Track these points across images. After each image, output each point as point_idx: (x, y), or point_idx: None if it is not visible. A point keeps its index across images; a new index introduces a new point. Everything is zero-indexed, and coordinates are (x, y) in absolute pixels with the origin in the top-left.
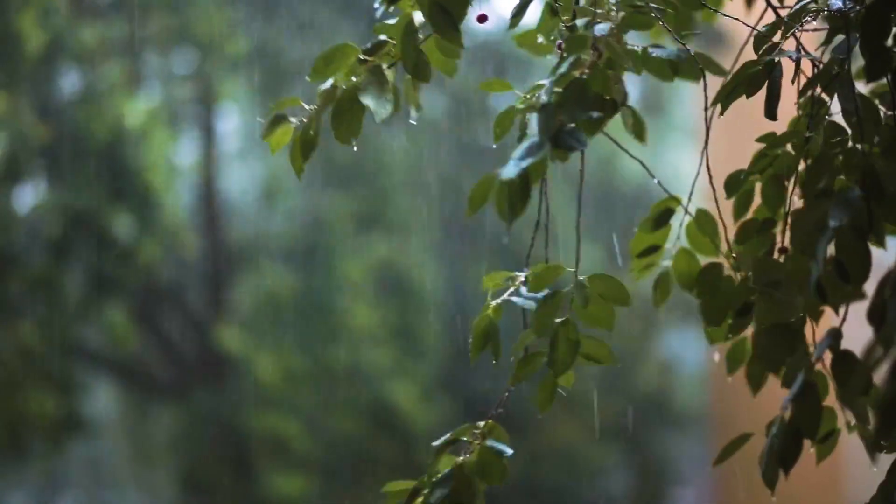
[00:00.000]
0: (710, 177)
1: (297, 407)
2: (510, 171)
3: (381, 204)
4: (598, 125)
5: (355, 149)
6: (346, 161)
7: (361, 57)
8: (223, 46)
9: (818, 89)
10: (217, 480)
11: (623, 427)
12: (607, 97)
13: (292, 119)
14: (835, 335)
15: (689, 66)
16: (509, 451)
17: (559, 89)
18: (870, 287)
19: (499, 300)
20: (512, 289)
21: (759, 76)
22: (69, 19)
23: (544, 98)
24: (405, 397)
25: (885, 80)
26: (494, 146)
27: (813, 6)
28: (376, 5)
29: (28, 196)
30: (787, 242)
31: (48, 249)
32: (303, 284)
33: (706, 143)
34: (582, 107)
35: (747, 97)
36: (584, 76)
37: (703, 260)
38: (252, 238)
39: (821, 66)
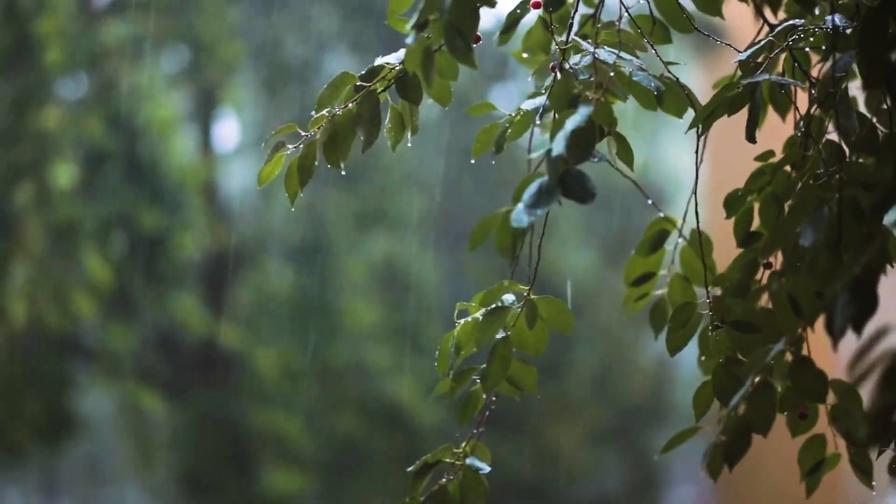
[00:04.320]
0: (696, 194)
1: (298, 404)
2: (522, 218)
3: (381, 202)
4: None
5: (343, 173)
6: (346, 160)
7: (358, 84)
8: (224, 46)
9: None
10: (218, 478)
11: (621, 427)
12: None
13: (288, 146)
14: (795, 341)
15: (671, 99)
16: (486, 469)
17: (567, 129)
18: None
19: (465, 319)
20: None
21: (740, 98)
22: (81, 21)
23: (558, 147)
24: (405, 395)
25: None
26: (472, 161)
27: (804, 25)
28: (408, 33)
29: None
30: (773, 257)
31: (75, 243)
32: (303, 282)
33: (697, 170)
34: (589, 152)
35: (728, 116)
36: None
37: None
38: (253, 236)
39: (817, 85)
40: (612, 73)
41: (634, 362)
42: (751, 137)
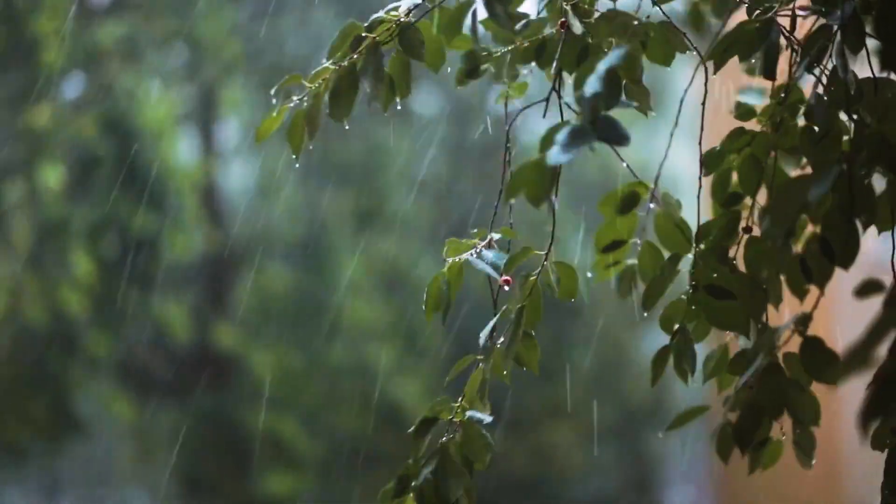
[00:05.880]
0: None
1: (297, 405)
2: (560, 157)
3: (380, 201)
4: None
5: (347, 127)
6: (345, 158)
7: (363, 34)
8: (223, 46)
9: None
10: (217, 479)
11: (621, 427)
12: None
13: (294, 98)
14: (803, 320)
15: (658, 44)
16: (488, 418)
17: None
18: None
19: (457, 259)
20: (475, 252)
21: (755, 36)
22: (79, 21)
23: (592, 87)
24: (406, 394)
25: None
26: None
27: None
28: None
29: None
30: (752, 222)
31: (70, 246)
32: (302, 282)
33: (674, 126)
34: (619, 95)
35: (741, 60)
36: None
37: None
38: (251, 236)
39: (809, 42)
40: (635, 22)
41: (634, 362)
42: (770, 74)
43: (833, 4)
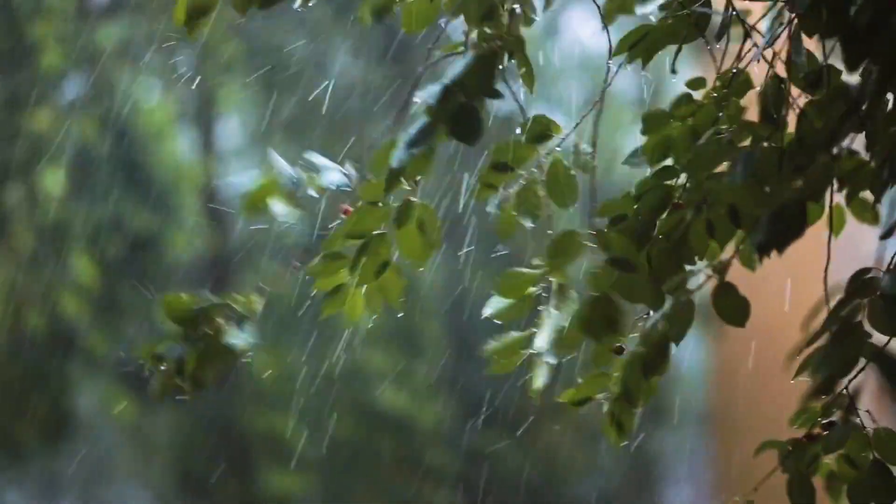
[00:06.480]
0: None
1: (297, 406)
2: (401, 157)
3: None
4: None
5: (243, 19)
6: (345, 157)
7: None
8: (223, 46)
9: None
10: (216, 480)
11: None
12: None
13: None
14: (720, 268)
15: None
16: (240, 343)
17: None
18: None
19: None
20: None
21: (676, 26)
22: (78, 22)
23: (448, 80)
24: (405, 396)
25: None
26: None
27: None
28: None
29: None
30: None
31: (68, 247)
32: (301, 283)
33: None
34: (488, 88)
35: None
36: (497, 46)
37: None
38: (250, 237)
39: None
40: None
41: None
42: (672, 69)
43: None
